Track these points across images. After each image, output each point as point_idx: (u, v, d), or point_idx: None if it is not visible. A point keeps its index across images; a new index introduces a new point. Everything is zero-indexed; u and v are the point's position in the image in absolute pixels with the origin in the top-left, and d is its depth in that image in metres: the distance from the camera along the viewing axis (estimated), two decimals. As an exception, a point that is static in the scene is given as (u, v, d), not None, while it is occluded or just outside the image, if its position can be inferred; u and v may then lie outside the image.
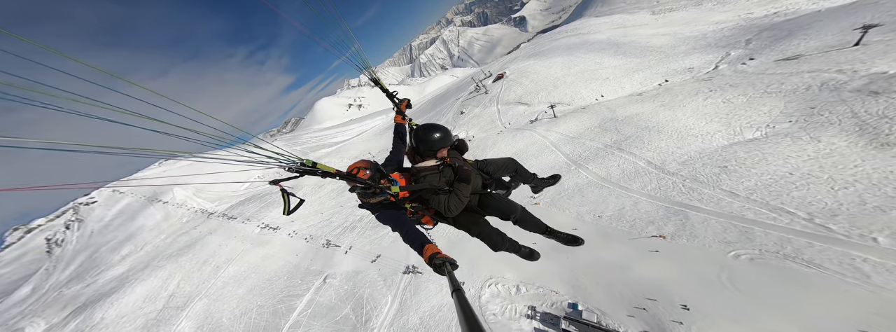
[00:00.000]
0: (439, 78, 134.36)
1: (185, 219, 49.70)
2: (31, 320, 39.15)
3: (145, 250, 43.84)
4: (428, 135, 2.37)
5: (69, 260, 54.94)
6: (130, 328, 28.54)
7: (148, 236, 48.48)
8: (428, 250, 1.92)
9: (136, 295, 31.51)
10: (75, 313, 34.51)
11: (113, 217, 62.63)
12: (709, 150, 18.54)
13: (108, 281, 37.96)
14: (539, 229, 2.63)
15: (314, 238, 28.40)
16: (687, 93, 26.07)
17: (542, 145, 25.90)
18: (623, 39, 44.89)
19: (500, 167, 2.83)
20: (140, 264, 38.66)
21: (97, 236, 57.17)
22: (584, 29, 56.12)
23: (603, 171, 21.04)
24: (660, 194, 17.29)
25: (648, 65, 35.96)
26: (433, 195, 2.32)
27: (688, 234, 14.01)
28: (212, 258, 32.39)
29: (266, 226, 34.35)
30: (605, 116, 26.65)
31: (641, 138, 22.16)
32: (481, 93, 39.91)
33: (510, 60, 54.01)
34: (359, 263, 23.17)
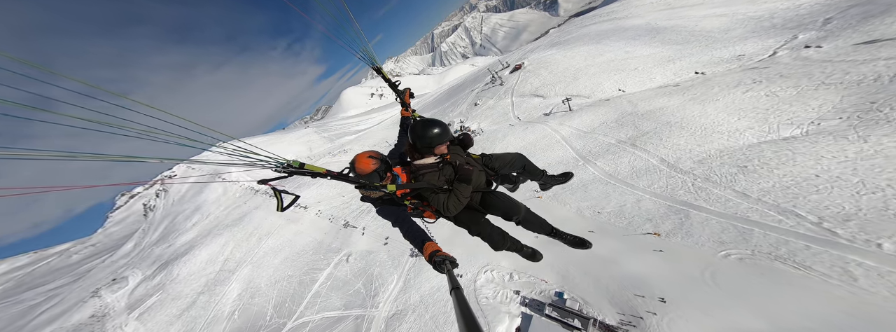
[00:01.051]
0: (459, 67, 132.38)
1: (238, 194, 57.81)
2: (132, 270, 49.30)
3: (209, 219, 52.42)
4: (425, 131, 2.24)
5: (157, 224, 67.80)
6: (196, 285, 34.88)
7: (211, 207, 57.54)
8: (428, 248, 1.90)
9: (201, 258, 38.20)
10: (160, 268, 42.92)
11: (187, 190, 75.09)
12: (732, 148, 17.17)
13: (182, 244, 46.38)
14: (544, 230, 2.54)
15: (336, 219, 31.82)
16: (726, 85, 23.65)
17: (552, 140, 25.58)
18: (665, 23, 40.63)
19: (507, 163, 2.72)
20: (205, 232, 46.52)
21: (176, 205, 69.29)
22: (622, 12, 51.48)
23: (611, 167, 20.49)
24: (665, 192, 16.70)
25: (689, 53, 32.57)
26: (432, 194, 2.23)
27: (683, 232, 13.72)
28: (256, 230, 37.91)
29: (298, 205, 39.02)
30: (624, 110, 25.31)
31: (659, 135, 20.96)
32: (497, 84, 39.44)
33: (531, 49, 51.77)
34: (372, 244, 25.70)
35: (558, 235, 2.64)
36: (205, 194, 64.21)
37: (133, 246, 65.52)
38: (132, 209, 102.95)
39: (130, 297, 40.20)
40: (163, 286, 37.76)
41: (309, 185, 43.68)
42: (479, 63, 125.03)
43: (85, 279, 61.94)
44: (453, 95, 57.25)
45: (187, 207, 62.88)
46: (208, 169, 78.13)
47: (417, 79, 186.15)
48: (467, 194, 2.25)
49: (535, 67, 38.57)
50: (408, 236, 2.15)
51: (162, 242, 53.88)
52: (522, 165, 2.81)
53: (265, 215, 40.30)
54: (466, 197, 2.24)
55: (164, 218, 67.80)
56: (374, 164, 2.15)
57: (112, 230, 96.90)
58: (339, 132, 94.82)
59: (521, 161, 2.79)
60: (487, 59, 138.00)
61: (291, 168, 1.66)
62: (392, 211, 2.30)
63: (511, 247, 2.51)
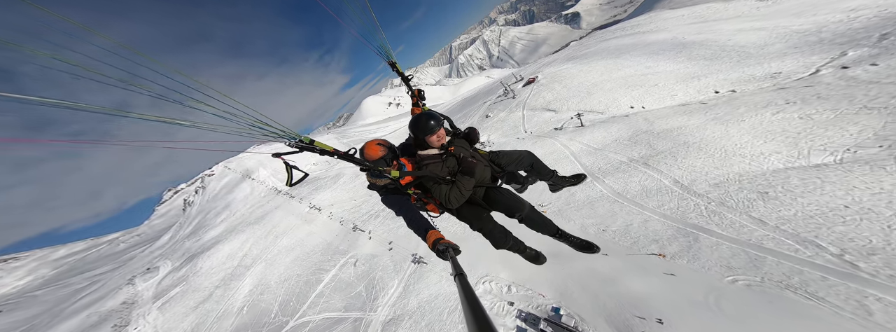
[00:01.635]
0: (474, 79, 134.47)
1: (263, 194, 61.53)
2: (163, 261, 53.28)
3: (235, 216, 56.04)
4: (418, 121, 2.33)
5: (192, 219, 73.47)
6: (215, 279, 36.98)
7: (238, 205, 61.60)
8: (431, 236, 1.92)
9: (222, 253, 40.70)
10: (187, 261, 46.09)
11: (220, 188, 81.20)
12: (753, 173, 16.18)
13: (209, 239, 49.73)
14: (548, 231, 2.43)
15: (346, 221, 32.97)
16: (754, 105, 22.46)
17: (561, 155, 25.32)
18: (693, 38, 39.47)
19: (514, 160, 2.64)
20: (230, 228, 49.74)
21: (210, 202, 74.91)
22: (648, 25, 50.87)
23: (620, 186, 19.90)
24: (676, 214, 15.97)
25: (716, 69, 31.30)
26: (434, 185, 2.24)
27: (690, 256, 13.04)
28: (274, 229, 39.98)
29: (313, 206, 40.87)
30: (639, 127, 24.68)
31: (675, 155, 20.16)
32: (509, 97, 39.92)
33: (547, 62, 52.03)
34: (377, 248, 26.26)
35: (564, 236, 2.50)
36: (235, 192, 69.31)
37: (169, 238, 71.21)
38: (174, 204, 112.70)
39: (158, 287, 43.27)
40: (186, 277, 40.40)
41: (325, 187, 45.95)
42: (495, 75, 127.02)
43: (125, 267, 67.64)
44: (466, 107, 58.24)
45: (219, 204, 68.01)
46: (242, 169, 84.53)
47: (433, 89, 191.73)
48: (469, 186, 2.22)
49: (549, 80, 38.63)
50: (411, 224, 2.14)
51: (193, 235, 58.24)
52: (530, 162, 2.70)
53: (284, 215, 42.64)
54: (468, 190, 2.22)
55: (198, 213, 73.53)
56: (382, 151, 2.21)
57: (155, 223, 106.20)
58: (357, 139, 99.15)
59: (529, 159, 2.69)
60: (503, 71, 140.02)
61: (302, 143, 1.70)
62: (396, 200, 2.31)
63: (513, 247, 2.42)
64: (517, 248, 2.47)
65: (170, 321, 32.78)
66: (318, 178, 57.70)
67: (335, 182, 49.71)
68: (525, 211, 2.33)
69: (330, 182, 50.41)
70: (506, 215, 2.39)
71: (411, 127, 2.41)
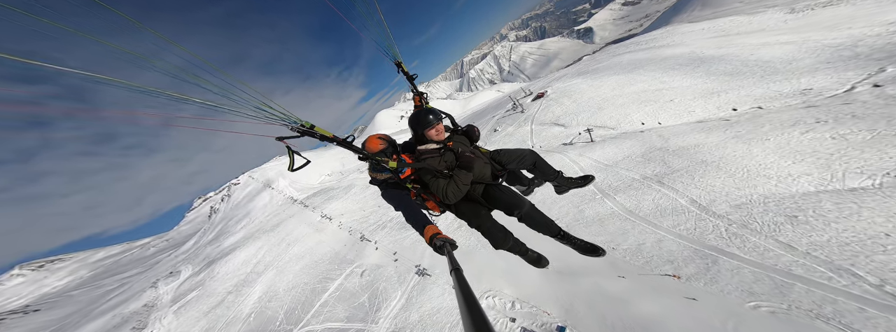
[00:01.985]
0: (484, 93, 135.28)
1: (280, 203, 63.76)
2: (185, 265, 55.59)
3: (254, 224, 58.19)
4: (418, 116, 2.36)
5: (215, 225, 77.09)
6: (229, 284, 37.99)
7: (257, 213, 64.08)
8: (428, 231, 1.93)
9: (238, 259, 42.01)
10: (206, 265, 47.86)
11: (243, 196, 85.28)
12: (780, 195, 15.07)
13: (228, 245, 51.68)
14: (550, 231, 2.34)
15: (354, 231, 33.31)
16: (780, 123, 21.16)
17: (570, 170, 24.75)
18: (713, 52, 38.35)
19: (515, 158, 2.58)
20: (248, 235, 51.54)
21: (233, 210, 78.61)
22: (664, 40, 49.98)
23: (632, 203, 19.07)
24: (693, 235, 15.05)
25: (738, 85, 29.98)
26: (432, 179, 2.23)
27: (708, 278, 12.13)
28: (287, 237, 41.01)
29: (324, 216, 41.75)
30: (653, 144, 23.83)
31: (691, 173, 19.19)
32: (518, 111, 39.96)
33: (557, 77, 51.78)
34: (382, 258, 26.19)
35: (566, 238, 2.38)
36: (255, 201, 72.51)
37: (193, 243, 74.67)
38: (201, 211, 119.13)
39: (177, 291, 44.90)
40: (203, 282, 41.76)
41: (336, 197, 47.10)
42: (505, 89, 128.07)
43: (151, 271, 71.10)
44: (475, 120, 58.71)
45: (240, 212, 71.22)
46: (264, 179, 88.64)
47: (444, 103, 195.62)
48: (466, 181, 2.20)
49: (559, 95, 38.55)
50: (409, 219, 2.14)
51: (214, 241, 60.85)
52: (533, 161, 2.62)
53: (297, 223, 43.85)
54: (466, 184, 2.20)
55: (221, 220, 77.16)
56: (382, 144, 2.25)
57: (183, 228, 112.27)
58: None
59: (531, 157, 2.61)
60: (513, 85, 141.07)
61: (303, 128, 1.74)
62: (396, 195, 2.31)
63: (513, 248, 2.35)
64: (518, 249, 2.38)
65: (183, 325, 33.63)
66: (331, 188, 59.58)
67: (346, 192, 50.92)
68: (525, 208, 2.25)
69: (342, 192, 51.70)
70: (505, 212, 2.33)
71: (411, 122, 2.43)
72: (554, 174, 2.75)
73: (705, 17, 65.75)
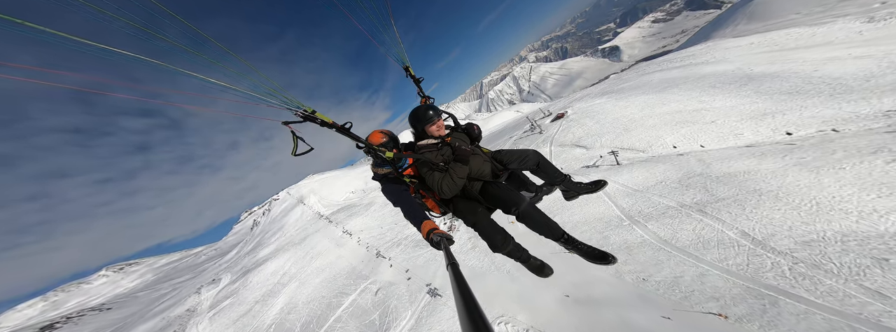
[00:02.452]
0: (503, 113, 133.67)
1: (309, 218, 67.30)
2: (226, 273, 59.97)
3: (285, 237, 61.84)
4: (417, 111, 2.38)
5: (255, 237, 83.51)
6: (257, 294, 39.99)
7: (290, 227, 68.26)
8: (426, 226, 1.89)
9: (268, 270, 44.44)
10: (241, 275, 51.22)
11: (280, 211, 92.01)
12: (864, 234, 12.77)
13: (262, 256, 55.17)
14: (552, 234, 2.17)
15: (371, 247, 33.72)
16: (856, 149, 18.23)
17: (593, 194, 23.29)
18: (764, 69, 35.04)
19: (517, 158, 2.46)
20: (279, 247, 54.74)
21: (270, 223, 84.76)
22: (703, 56, 46.72)
23: (667, 233, 17.27)
24: (744, 271, 13.25)
25: (799, 105, 26.60)
26: (428, 173, 2.22)
27: (766, 321, 10.59)
28: (312, 250, 42.75)
29: (346, 231, 43.06)
30: (691, 169, 21.76)
31: (742, 204, 17.02)
32: (536, 132, 39.01)
33: (579, 97, 49.89)
34: (396, 276, 26.00)
35: (572, 243, 2.18)
36: (289, 215, 77.83)
37: (234, 254, 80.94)
38: (246, 224, 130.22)
39: (216, 297, 48.19)
40: (237, 290, 44.44)
41: (358, 214, 48.83)
42: (524, 109, 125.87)
43: (199, 277, 77.71)
44: (492, 141, 58.38)
45: (276, 225, 76.68)
46: (298, 195, 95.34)
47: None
48: (462, 174, 2.17)
49: (580, 115, 37.25)
50: (407, 215, 2.12)
51: (251, 252, 65.48)
52: (536, 161, 2.48)
53: (321, 237, 45.83)
54: (461, 177, 2.17)
55: (260, 233, 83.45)
56: (383, 138, 2.30)
57: (230, 239, 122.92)
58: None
59: (535, 157, 2.48)
60: (533, 105, 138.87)
61: (306, 113, 1.78)
62: (395, 190, 2.29)
63: (513, 253, 2.22)
64: (518, 255, 2.24)
65: (215, 331, 35.61)
66: (354, 205, 62.27)
67: (367, 209, 52.72)
68: (522, 206, 2.12)
69: (363, 209, 53.74)
70: (502, 210, 2.23)
71: (411, 119, 2.44)
72: (560, 177, 2.56)
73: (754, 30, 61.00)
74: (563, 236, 2.18)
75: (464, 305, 0.61)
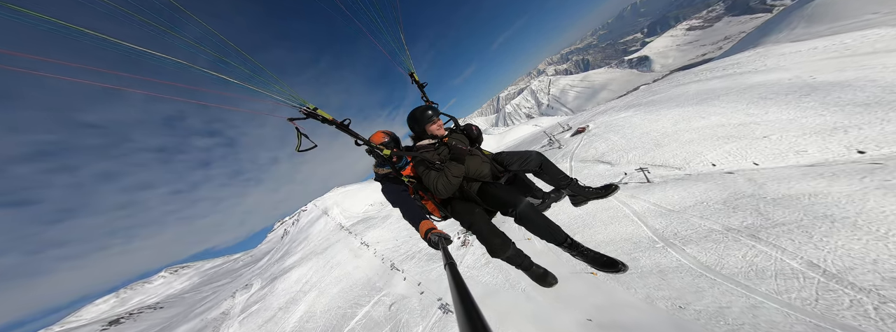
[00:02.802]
0: (521, 127, 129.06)
1: (331, 229, 69.45)
2: (257, 279, 63.15)
3: (309, 246, 64.14)
4: (414, 112, 2.38)
5: (284, 246, 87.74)
6: (281, 300, 41.30)
7: (314, 237, 70.92)
8: (424, 226, 1.89)
9: (293, 278, 46.05)
10: (269, 281, 53.59)
11: (306, 222, 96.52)
12: None
13: (288, 264, 57.56)
14: (554, 238, 2.02)
15: (386, 259, 33.59)
16: None
17: (617, 213, 21.46)
18: (830, 77, 30.94)
19: (518, 159, 2.35)
20: (304, 256, 56.81)
21: (298, 233, 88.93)
22: (751, 64, 42.24)
23: (710, 258, 15.34)
24: (813, 307, 11.32)
25: (881, 119, 22.59)
26: (425, 172, 2.20)
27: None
28: (332, 260, 43.70)
29: (363, 242, 43.58)
30: (739, 190, 19.44)
31: (808, 230, 14.72)
32: (554, 147, 37.23)
33: (602, 110, 46.89)
34: (409, 289, 25.49)
35: (576, 249, 2.00)
36: (315, 226, 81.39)
37: (266, 261, 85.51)
38: (277, 233, 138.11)
39: (246, 302, 50.58)
40: (265, 296, 46.34)
41: (376, 226, 49.64)
42: (543, 123, 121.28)
43: (235, 282, 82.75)
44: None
45: (302, 235, 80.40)
46: (323, 207, 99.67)
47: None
48: (458, 173, 2.13)
49: (603, 130, 34.97)
50: (406, 215, 2.11)
51: (280, 260, 68.78)
52: (539, 163, 2.34)
53: (341, 248, 46.92)
54: (456, 176, 2.12)
55: (289, 242, 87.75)
56: (384, 137, 2.33)
57: (263, 247, 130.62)
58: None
59: (537, 159, 2.34)
60: (553, 118, 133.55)
61: (308, 110, 1.83)
62: (394, 190, 2.28)
63: (513, 258, 2.09)
64: (519, 261, 2.10)
65: (243, 336, 36.98)
66: (372, 217, 63.66)
67: (384, 222, 53.54)
68: (520, 206, 1.98)
69: (380, 222, 54.75)
70: (500, 211, 2.14)
71: (409, 120, 2.43)
72: (566, 180, 2.39)
73: (817, 34, 54.60)
74: (567, 240, 2.01)
75: (461, 303, 0.61)
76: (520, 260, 2.10)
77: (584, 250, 2.01)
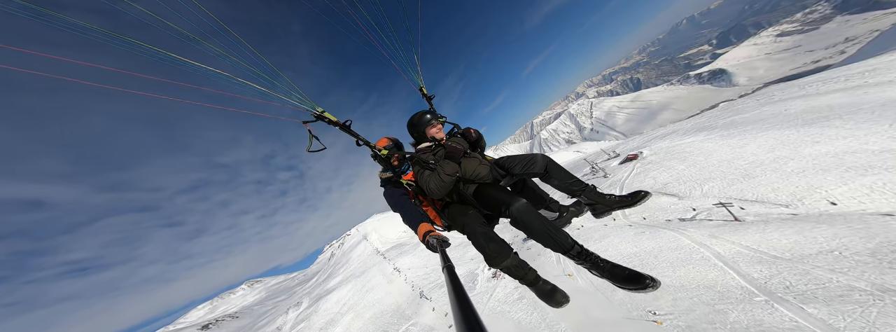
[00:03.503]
0: (560, 154, 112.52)
1: (369, 253, 70.77)
2: (306, 297, 66.51)
3: (350, 269, 65.84)
4: (413, 117, 2.43)
5: (329, 267, 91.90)
6: (323, 321, 42.13)
7: (354, 261, 73.22)
8: (422, 229, 1.83)
9: (334, 299, 47.18)
10: (314, 300, 55.77)
11: (349, 245, 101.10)
12: None
13: (331, 285, 59.72)
14: (558, 245, 1.65)
15: (416, 287, 31.92)
16: None
17: (689, 253, 17.02)
18: None
19: (521, 161, 2.06)
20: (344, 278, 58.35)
21: (342, 256, 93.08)
22: (890, 72, 32.50)
23: (851, 325, 10.92)
24: None
25: None
26: (420, 172, 2.14)
27: None
28: (367, 284, 43.69)
29: (396, 268, 42.70)
30: (890, 238, 14.33)
31: None
32: (599, 176, 31.97)
33: (659, 135, 39.48)
34: (436, 320, 23.49)
35: (587, 258, 1.65)
36: (356, 250, 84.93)
37: (314, 281, 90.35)
38: (326, 255, 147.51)
39: (296, 319, 53.03)
40: (310, 315, 48.04)
41: (408, 252, 49.01)
42: (587, 149, 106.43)
43: (290, 299, 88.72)
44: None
45: (345, 258, 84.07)
46: (363, 232, 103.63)
47: None
48: (450, 171, 2.04)
49: (663, 157, 29.18)
50: (405, 219, 2.07)
51: (324, 281, 72.13)
52: (544, 165, 2.01)
53: (376, 272, 47.05)
54: (449, 175, 2.03)
55: (334, 264, 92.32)
56: (387, 142, 2.41)
57: (313, 268, 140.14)
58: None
59: (543, 160, 2.02)
60: (598, 144, 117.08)
61: (317, 113, 1.94)
62: (394, 193, 2.26)
63: (513, 270, 1.77)
64: (520, 273, 1.77)
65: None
66: (405, 243, 63.44)
67: (415, 248, 53.07)
68: (515, 206, 1.73)
69: (411, 248, 54.53)
70: (495, 212, 1.94)
71: (409, 126, 2.45)
72: (580, 186, 2.00)
73: None
74: (574, 247, 1.63)
75: (458, 306, 0.62)
76: (522, 272, 1.76)
77: (597, 261, 1.61)
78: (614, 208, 1.98)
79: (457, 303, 0.64)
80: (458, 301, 0.64)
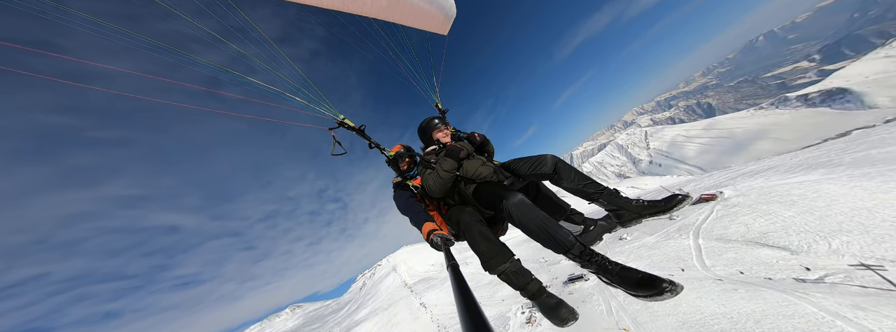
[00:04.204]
0: None
1: (397, 286, 70.86)
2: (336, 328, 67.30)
3: (378, 301, 66.01)
4: (422, 123, 2.55)
5: (360, 298, 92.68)
6: (351, 355, 42.22)
7: (382, 292, 73.15)
8: (427, 228, 1.78)
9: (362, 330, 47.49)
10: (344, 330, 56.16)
11: (378, 276, 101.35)
12: None
13: (360, 316, 59.96)
14: (557, 243, 1.45)
15: (441, 327, 31.03)
16: None
17: (817, 326, 11.10)
18: None
19: (529, 161, 1.97)
20: (372, 310, 58.47)
21: (372, 286, 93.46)
22: None
23: None
24: None
25: None
26: (422, 171, 2.17)
27: None
28: (394, 318, 43.59)
29: (422, 303, 42.47)
30: None
31: None
32: (664, 218, 25.56)
33: (749, 172, 32.19)
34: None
35: (592, 260, 1.42)
36: (385, 281, 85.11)
37: (345, 311, 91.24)
38: (358, 284, 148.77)
39: (329, 348, 53.10)
40: (339, 346, 48.34)
41: (435, 287, 48.16)
42: (646, 185, 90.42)
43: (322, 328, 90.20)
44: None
45: (375, 289, 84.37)
46: (393, 264, 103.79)
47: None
48: (448, 168, 1.94)
49: (755, 200, 22.80)
50: (413, 221, 2.03)
51: (354, 311, 72.48)
52: (553, 164, 1.87)
53: (403, 306, 46.50)
54: (447, 171, 1.93)
55: (364, 295, 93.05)
56: (400, 148, 2.54)
57: (345, 297, 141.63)
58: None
59: (552, 160, 1.89)
60: (662, 179, 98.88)
61: (339, 120, 2.14)
62: (402, 195, 2.27)
63: (512, 277, 1.57)
64: (523, 283, 1.58)
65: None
66: (432, 277, 62.60)
67: (443, 283, 51.98)
68: (511, 202, 1.57)
69: (439, 283, 53.35)
70: (491, 209, 1.81)
71: (419, 130, 2.60)
72: (596, 189, 1.80)
73: None
74: (576, 247, 1.45)
75: (463, 304, 0.62)
76: (523, 281, 1.56)
77: (605, 264, 1.39)
78: (644, 216, 1.71)
79: (462, 301, 0.64)
80: (463, 300, 0.65)
